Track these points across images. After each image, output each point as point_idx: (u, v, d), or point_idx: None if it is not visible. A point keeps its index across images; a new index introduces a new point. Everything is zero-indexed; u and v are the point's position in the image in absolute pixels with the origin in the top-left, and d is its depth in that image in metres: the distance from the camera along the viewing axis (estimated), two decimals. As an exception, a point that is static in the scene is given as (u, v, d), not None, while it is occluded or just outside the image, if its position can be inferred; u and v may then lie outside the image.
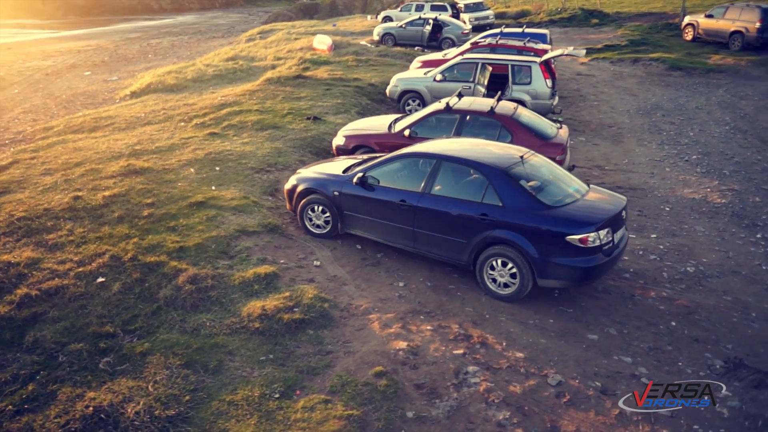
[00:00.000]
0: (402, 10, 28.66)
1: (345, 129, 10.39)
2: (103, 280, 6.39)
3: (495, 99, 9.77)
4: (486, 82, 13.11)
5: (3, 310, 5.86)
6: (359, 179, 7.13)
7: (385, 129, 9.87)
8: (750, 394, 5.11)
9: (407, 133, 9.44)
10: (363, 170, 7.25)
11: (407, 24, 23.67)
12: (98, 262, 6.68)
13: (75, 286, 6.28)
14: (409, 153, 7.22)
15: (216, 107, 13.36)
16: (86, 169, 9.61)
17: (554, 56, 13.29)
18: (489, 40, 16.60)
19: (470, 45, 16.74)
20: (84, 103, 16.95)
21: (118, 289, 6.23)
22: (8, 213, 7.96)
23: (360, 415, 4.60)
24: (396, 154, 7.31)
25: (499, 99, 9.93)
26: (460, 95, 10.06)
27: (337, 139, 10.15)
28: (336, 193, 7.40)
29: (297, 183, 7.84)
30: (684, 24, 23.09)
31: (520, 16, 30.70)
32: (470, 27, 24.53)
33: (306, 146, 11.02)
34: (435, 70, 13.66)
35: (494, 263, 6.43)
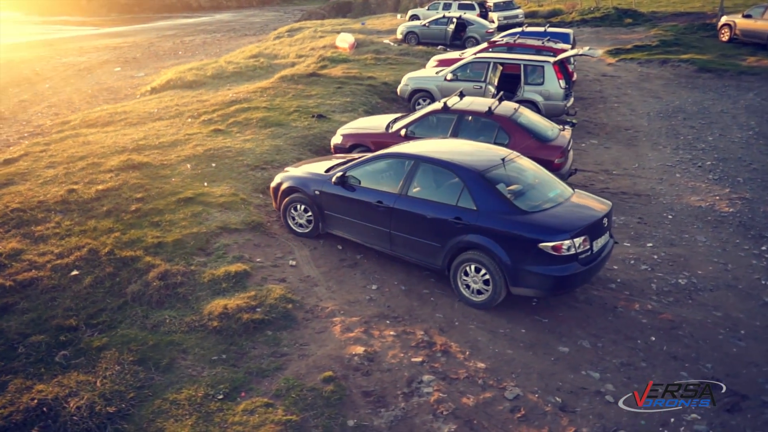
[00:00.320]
0: (429, 9, 28.35)
1: (344, 128, 10.30)
2: (77, 273, 6.45)
3: (496, 99, 9.55)
4: (496, 82, 12.82)
5: (-25, 300, 5.96)
6: (338, 179, 7.02)
7: (383, 128, 9.74)
8: (720, 419, 4.78)
9: (403, 133, 9.30)
10: (343, 170, 7.14)
11: (431, 23, 23.40)
12: (76, 255, 6.75)
13: (49, 279, 6.36)
14: (388, 153, 7.07)
15: (226, 104, 13.45)
16: (88, 163, 9.77)
17: (567, 56, 12.89)
18: (507, 39, 16.24)
19: (487, 44, 16.41)
20: (106, 99, 17.33)
21: (89, 283, 6.28)
22: (4, 204, 8.15)
23: (298, 422, 4.49)
24: (376, 154, 7.17)
25: (501, 99, 9.69)
26: (462, 95, 9.84)
27: (336, 138, 10.06)
28: (317, 192, 7.31)
29: (281, 181, 7.78)
30: (720, 24, 22.08)
31: (552, 15, 30.00)
32: (495, 26, 24.06)
33: (306, 144, 10.97)
34: (446, 70, 13.43)
35: (468, 269, 6.21)
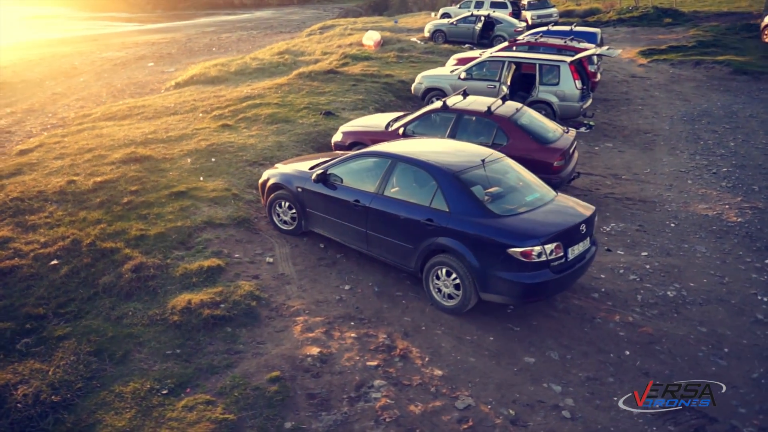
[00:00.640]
0: (461, 7, 27.98)
1: (345, 125, 10.24)
2: (56, 263, 6.57)
3: (499, 98, 9.31)
4: (509, 82, 12.52)
5: (-46, 286, 6.14)
6: (317, 176, 6.94)
7: (383, 127, 9.62)
8: (681, 442, 4.50)
9: (402, 132, 9.18)
10: (324, 168, 7.06)
11: (459, 21, 23.07)
12: (59, 245, 6.88)
13: (29, 267, 6.50)
14: (368, 152, 6.95)
15: (240, 100, 13.55)
16: (94, 155, 9.98)
17: (585, 56, 12.46)
18: (528, 38, 15.85)
19: (508, 42, 16.05)
20: (132, 93, 17.72)
21: (65, 273, 6.38)
22: (6, 193, 8.40)
23: (234, 421, 4.43)
24: (356, 153, 7.07)
25: (505, 99, 9.46)
26: (465, 94, 9.63)
27: (336, 136, 10.01)
28: (299, 189, 7.26)
29: (268, 177, 7.76)
30: (763, 25, 21.03)
31: (589, 15, 29.19)
32: (525, 25, 23.55)
33: (310, 141, 10.94)
34: (461, 68, 13.21)
35: (439, 272, 6.05)
